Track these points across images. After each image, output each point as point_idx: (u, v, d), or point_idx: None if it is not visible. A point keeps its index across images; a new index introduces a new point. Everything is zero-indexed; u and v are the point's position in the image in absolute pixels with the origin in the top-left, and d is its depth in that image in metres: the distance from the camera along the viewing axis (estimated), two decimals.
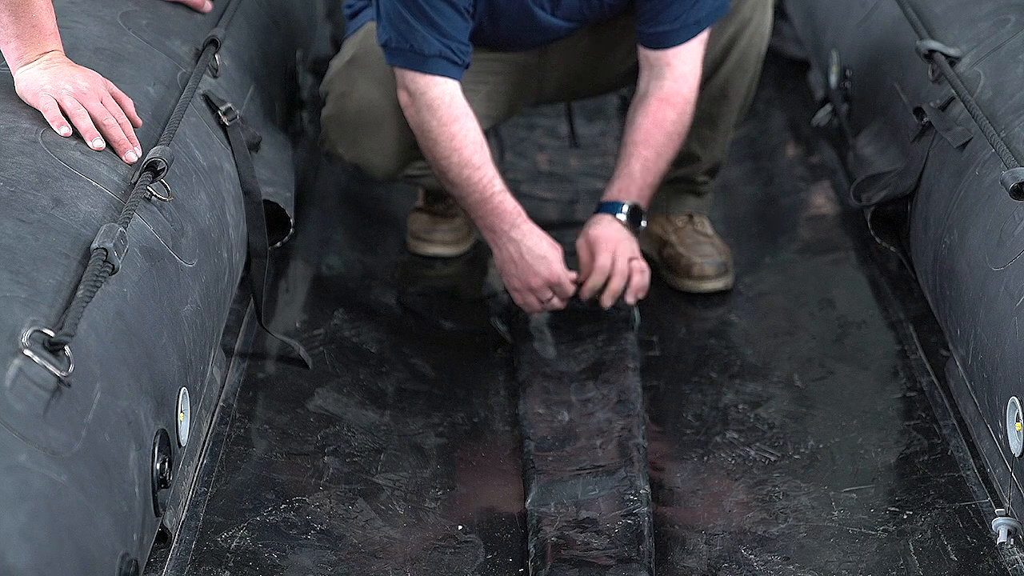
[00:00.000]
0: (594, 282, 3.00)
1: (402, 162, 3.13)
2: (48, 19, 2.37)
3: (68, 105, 2.33)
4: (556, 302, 3.02)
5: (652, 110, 3.03)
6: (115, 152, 2.36)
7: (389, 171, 3.15)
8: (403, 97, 2.96)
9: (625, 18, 3.08)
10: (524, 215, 3.00)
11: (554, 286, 2.99)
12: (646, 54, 3.05)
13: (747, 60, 3.19)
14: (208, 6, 3.02)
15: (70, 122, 2.33)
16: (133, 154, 2.37)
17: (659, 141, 3.03)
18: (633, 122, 3.05)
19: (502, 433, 2.80)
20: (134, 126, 2.41)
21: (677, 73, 3.03)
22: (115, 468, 1.93)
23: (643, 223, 3.05)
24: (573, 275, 3.01)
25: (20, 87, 2.36)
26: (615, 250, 2.99)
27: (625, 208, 3.02)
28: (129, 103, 2.42)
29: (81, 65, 2.41)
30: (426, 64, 2.91)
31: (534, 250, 2.97)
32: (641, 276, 3.02)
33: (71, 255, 2.07)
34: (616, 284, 3.00)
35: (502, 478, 2.67)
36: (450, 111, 2.93)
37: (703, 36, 3.04)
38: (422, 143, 2.97)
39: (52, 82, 2.34)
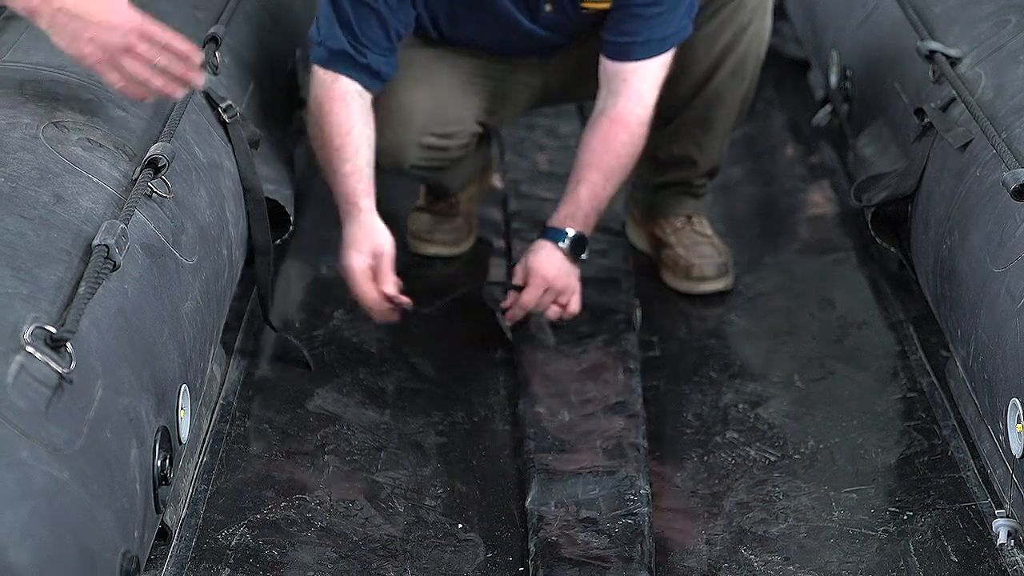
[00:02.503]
0: (514, 315, 2.98)
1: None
2: None
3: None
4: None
5: (603, 130, 2.94)
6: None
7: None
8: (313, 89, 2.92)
9: None
10: (359, 205, 2.85)
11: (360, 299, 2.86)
12: (606, 67, 2.96)
13: (745, 66, 3.13)
14: None
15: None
16: (198, 81, 2.40)
17: (608, 164, 2.94)
18: (585, 142, 2.97)
19: (502, 433, 2.80)
20: (186, 59, 2.37)
21: (633, 90, 2.93)
22: (116, 465, 1.93)
23: (584, 255, 2.96)
24: (394, 289, 2.84)
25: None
26: (548, 285, 2.94)
27: (567, 238, 2.94)
28: (173, 37, 2.36)
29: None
30: (330, 60, 2.86)
31: (345, 248, 2.86)
32: (559, 312, 2.96)
33: (72, 252, 2.07)
34: (534, 320, 2.99)
35: (502, 477, 2.67)
36: (347, 101, 2.87)
37: (666, 59, 2.94)
38: (313, 113, 2.91)
39: (71, 45, 2.27)
